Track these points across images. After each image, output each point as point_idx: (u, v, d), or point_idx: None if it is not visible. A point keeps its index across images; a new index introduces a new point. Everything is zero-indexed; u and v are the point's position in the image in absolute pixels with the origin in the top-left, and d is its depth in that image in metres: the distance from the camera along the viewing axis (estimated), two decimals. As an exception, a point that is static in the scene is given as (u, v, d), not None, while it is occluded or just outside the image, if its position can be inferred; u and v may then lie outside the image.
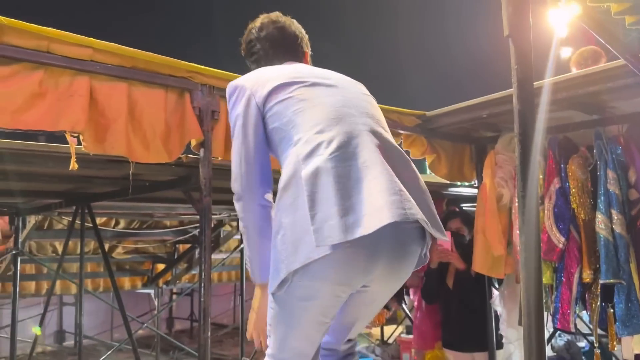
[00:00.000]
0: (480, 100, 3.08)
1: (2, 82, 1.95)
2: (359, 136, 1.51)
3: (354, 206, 1.38)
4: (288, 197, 1.45)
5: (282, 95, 1.60)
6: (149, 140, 2.29)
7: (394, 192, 1.41)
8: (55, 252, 5.72)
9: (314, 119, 1.53)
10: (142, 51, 2.26)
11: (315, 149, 1.46)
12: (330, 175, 1.40)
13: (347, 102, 1.62)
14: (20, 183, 3.18)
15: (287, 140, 1.55)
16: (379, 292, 1.63)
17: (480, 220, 3.27)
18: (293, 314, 1.52)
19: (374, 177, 1.42)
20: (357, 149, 1.47)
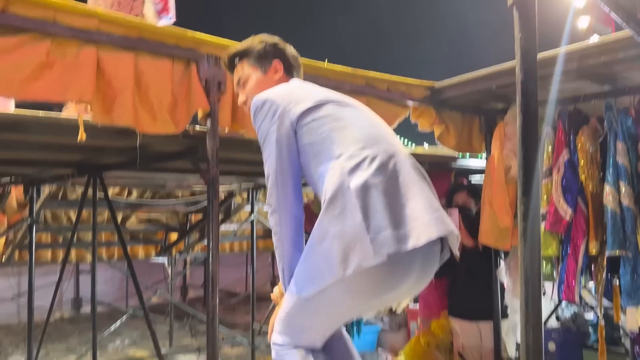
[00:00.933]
0: (489, 71, 3.05)
1: (10, 52, 1.97)
2: (395, 155, 1.58)
3: (402, 220, 1.46)
4: (336, 207, 1.49)
5: (318, 113, 1.65)
6: (155, 111, 2.31)
7: (435, 209, 1.52)
8: (69, 221, 5.83)
9: (354, 137, 1.60)
10: (148, 22, 2.26)
11: (360, 164, 1.52)
12: (378, 190, 1.47)
13: (375, 124, 1.72)
14: (33, 153, 3.24)
15: (325, 154, 1.60)
16: (392, 301, 1.71)
17: (488, 191, 3.27)
18: (318, 313, 1.60)
19: (414, 195, 1.51)
20: (397, 167, 1.55)
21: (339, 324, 1.74)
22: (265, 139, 1.67)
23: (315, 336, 1.69)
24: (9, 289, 7.89)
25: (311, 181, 1.69)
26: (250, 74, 1.86)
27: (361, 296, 1.56)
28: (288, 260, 1.64)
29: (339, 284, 1.47)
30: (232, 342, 6.16)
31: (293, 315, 1.63)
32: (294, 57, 1.93)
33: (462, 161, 3.94)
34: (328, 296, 1.53)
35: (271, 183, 1.65)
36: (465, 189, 3.79)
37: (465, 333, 3.65)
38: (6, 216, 5.17)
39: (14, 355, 6.29)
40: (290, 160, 1.65)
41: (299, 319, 1.63)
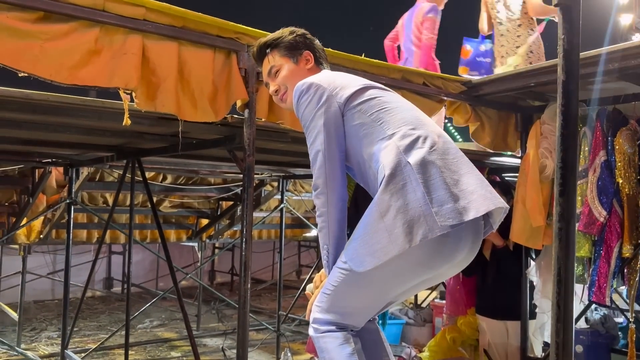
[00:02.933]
0: (528, 69, 3.03)
1: (61, 38, 2.05)
2: (441, 135, 1.67)
3: (461, 193, 1.54)
4: (397, 183, 1.55)
5: (365, 97, 1.71)
6: (196, 100, 2.37)
7: (487, 185, 1.61)
8: (105, 202, 6.00)
9: (403, 118, 1.67)
10: (192, 11, 2.31)
11: (414, 143, 1.60)
12: (436, 166, 1.55)
13: (415, 108, 1.79)
14: (75, 136, 3.35)
15: (377, 135, 1.66)
16: (443, 276, 1.78)
17: (521, 190, 3.25)
18: (370, 290, 1.64)
19: (467, 172, 1.60)
20: (446, 146, 1.64)
21: (386, 302, 1.76)
22: (310, 122, 1.71)
23: (361, 315, 1.71)
24: (44, 266, 8.16)
25: (357, 162, 1.73)
26: (282, 64, 1.89)
27: (417, 269, 1.62)
28: (335, 240, 1.67)
29: (398, 257, 1.52)
30: (258, 327, 6.26)
31: (342, 292, 1.64)
32: (322, 49, 1.98)
33: (496, 158, 3.91)
34: (385, 270, 1.57)
35: (319, 165, 1.68)
36: (497, 186, 3.76)
37: (492, 331, 3.65)
38: (46, 196, 5.36)
39: (48, 330, 6.52)
40: (337, 142, 1.70)
41: (348, 296, 1.65)
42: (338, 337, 1.65)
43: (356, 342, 1.68)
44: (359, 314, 1.71)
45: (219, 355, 5.56)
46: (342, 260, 1.63)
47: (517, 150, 3.70)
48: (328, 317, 1.67)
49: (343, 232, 1.69)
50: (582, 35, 1.46)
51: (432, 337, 4.62)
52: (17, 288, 5.83)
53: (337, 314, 1.66)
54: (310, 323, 1.72)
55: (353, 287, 1.63)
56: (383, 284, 1.64)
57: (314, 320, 1.71)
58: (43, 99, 2.48)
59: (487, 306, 3.71)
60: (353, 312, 1.69)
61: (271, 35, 1.94)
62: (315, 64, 1.92)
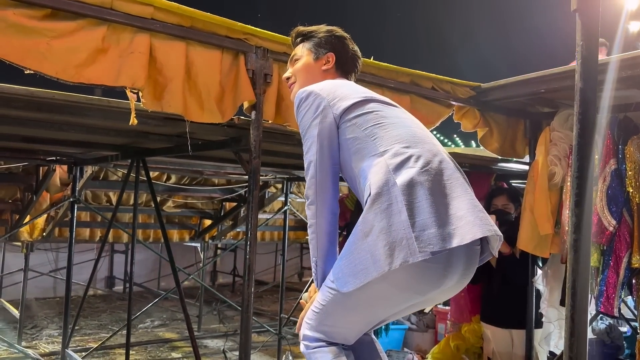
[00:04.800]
0: (538, 75, 2.98)
1: (68, 36, 2.02)
2: (438, 154, 1.61)
3: (447, 219, 1.48)
4: (382, 203, 1.51)
5: (362, 110, 1.67)
6: (203, 100, 2.34)
7: (479, 210, 1.54)
8: (109, 201, 5.99)
9: (398, 135, 1.62)
10: (200, 11, 2.29)
11: (405, 162, 1.54)
12: (424, 188, 1.49)
13: (417, 124, 1.74)
14: (80, 134, 3.33)
15: (368, 151, 1.62)
16: (434, 300, 1.75)
17: (530, 197, 3.21)
18: (357, 310, 1.60)
19: (458, 195, 1.53)
20: (441, 166, 1.57)
21: (375, 322, 1.74)
22: (306, 131, 1.70)
23: (351, 334, 1.69)
24: (46, 264, 8.15)
25: (350, 176, 1.71)
26: (303, 56, 1.93)
27: (403, 293, 1.57)
28: (323, 253, 1.65)
29: (382, 280, 1.48)
30: (259, 330, 6.23)
31: (329, 311, 1.63)
32: (353, 58, 1.95)
33: (504, 164, 3.87)
34: (369, 292, 1.53)
35: (310, 175, 1.66)
36: (505, 193, 3.73)
37: (497, 339, 3.61)
38: (49, 194, 5.34)
39: (49, 328, 6.50)
40: (330, 154, 1.67)
41: (335, 315, 1.63)
42: (329, 352, 1.64)
43: (348, 356, 1.67)
44: (348, 333, 1.69)
45: (220, 357, 5.53)
46: (330, 279, 1.61)
47: (525, 156, 3.67)
48: (317, 334, 1.65)
49: (333, 245, 1.66)
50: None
51: (435, 343, 4.58)
52: (19, 285, 5.82)
53: (326, 332, 1.65)
54: (301, 340, 1.71)
55: (340, 308, 1.60)
56: (370, 306, 1.61)
57: (304, 337, 1.69)
58: (48, 97, 2.45)
59: (492, 314, 3.67)
60: (342, 330, 1.67)
61: (310, 27, 1.97)
62: (335, 68, 1.91)
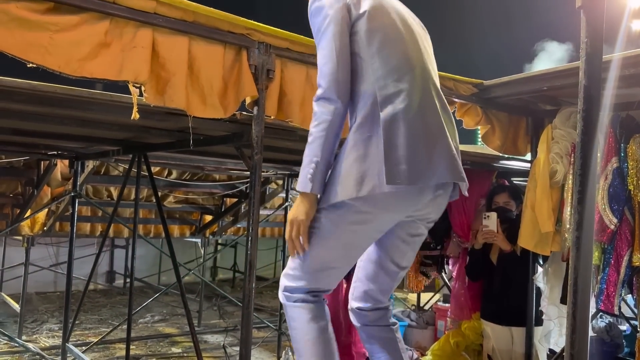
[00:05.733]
0: (541, 72, 2.98)
1: (71, 30, 2.02)
2: (427, 94, 1.68)
3: (420, 158, 1.58)
4: (364, 132, 1.61)
5: (372, 24, 1.66)
6: (206, 95, 2.34)
7: (451, 156, 1.64)
8: (110, 196, 5.99)
9: (394, 64, 1.65)
10: (203, 6, 2.28)
11: (393, 97, 1.61)
12: (404, 127, 1.57)
13: (422, 52, 1.74)
14: (81, 129, 3.32)
15: (363, 76, 1.66)
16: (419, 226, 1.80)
17: (531, 195, 3.20)
18: (339, 236, 1.66)
19: (436, 138, 1.62)
20: (426, 106, 1.65)
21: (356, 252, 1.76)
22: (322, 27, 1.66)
23: (333, 272, 1.71)
24: (47, 258, 8.16)
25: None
26: None
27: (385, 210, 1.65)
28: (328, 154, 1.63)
29: (353, 203, 1.59)
30: (259, 325, 6.24)
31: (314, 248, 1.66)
32: None
33: (505, 162, 3.87)
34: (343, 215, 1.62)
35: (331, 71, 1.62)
36: (506, 190, 3.72)
37: (497, 337, 3.62)
38: (50, 188, 5.34)
39: (50, 322, 6.52)
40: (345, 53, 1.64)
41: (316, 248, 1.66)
42: (309, 311, 1.67)
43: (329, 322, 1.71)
44: (331, 270, 1.70)
45: (220, 352, 5.54)
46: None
47: (526, 154, 3.66)
48: (300, 283, 1.68)
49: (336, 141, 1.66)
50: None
51: (435, 340, 4.59)
52: (20, 279, 5.83)
53: (309, 275, 1.67)
54: (281, 290, 1.73)
55: (319, 237, 1.65)
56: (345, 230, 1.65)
57: (285, 288, 1.72)
58: (50, 91, 2.45)
59: (493, 311, 3.67)
60: (324, 267, 1.68)
61: None
62: None
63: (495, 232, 3.41)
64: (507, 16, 12.94)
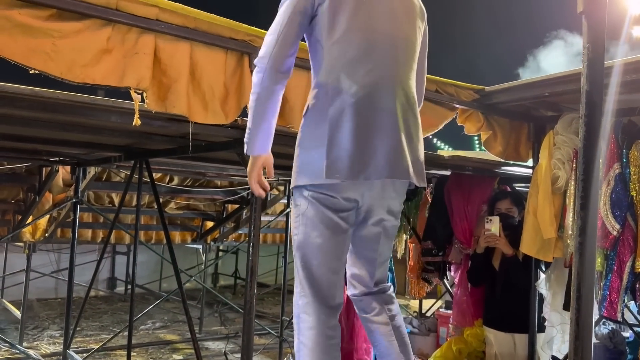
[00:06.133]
0: (542, 78, 2.98)
1: (74, 36, 2.02)
2: (383, 88, 1.68)
3: (363, 155, 1.61)
4: (311, 123, 1.68)
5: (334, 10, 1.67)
6: (207, 102, 2.34)
7: (396, 152, 1.65)
8: (111, 202, 6.00)
9: (351, 55, 1.67)
10: (205, 12, 2.29)
11: (344, 89, 1.63)
12: (351, 121, 1.61)
13: (389, 40, 1.71)
14: (83, 135, 3.33)
15: (320, 62, 1.70)
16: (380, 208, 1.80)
17: (533, 201, 3.19)
18: (315, 215, 1.71)
19: (384, 135, 1.64)
20: (380, 101, 1.65)
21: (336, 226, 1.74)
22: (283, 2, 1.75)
23: (322, 278, 1.71)
24: (48, 265, 8.15)
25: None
26: None
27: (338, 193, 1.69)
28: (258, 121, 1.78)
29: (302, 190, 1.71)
30: (261, 332, 6.22)
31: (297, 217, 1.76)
32: None
33: (507, 168, 3.86)
34: (315, 193, 1.69)
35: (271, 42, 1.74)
36: (508, 196, 3.71)
37: (499, 343, 3.60)
38: (52, 194, 5.35)
39: (51, 329, 6.50)
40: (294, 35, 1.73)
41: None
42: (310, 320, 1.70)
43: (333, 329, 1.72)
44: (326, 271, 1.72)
45: (221, 359, 5.52)
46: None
47: (528, 160, 3.66)
48: (304, 290, 1.71)
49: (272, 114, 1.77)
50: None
51: (437, 347, 4.56)
52: (21, 286, 5.82)
53: (311, 283, 1.71)
54: (294, 316, 1.77)
55: (302, 214, 1.72)
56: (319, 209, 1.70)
57: (294, 306, 1.77)
58: (52, 97, 2.45)
59: (495, 318, 3.65)
60: (319, 270, 1.71)
61: None
62: None
63: (498, 235, 3.40)
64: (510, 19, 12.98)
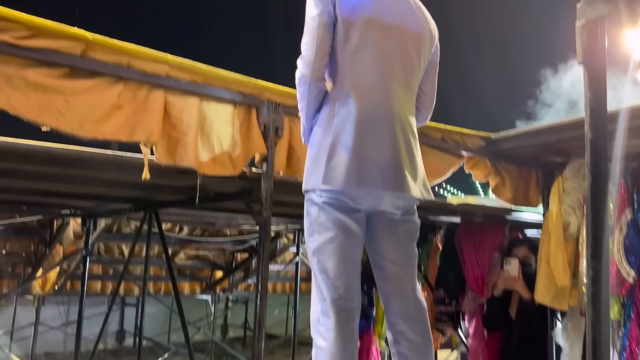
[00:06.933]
0: (548, 125, 3.00)
1: (85, 93, 2.08)
2: (385, 105, 1.76)
3: (360, 166, 1.68)
4: (317, 134, 1.78)
5: (354, 33, 1.76)
6: (216, 154, 2.37)
7: (395, 171, 1.72)
8: (121, 253, 5.99)
9: (359, 71, 1.77)
10: (214, 68, 2.35)
11: (350, 102, 1.73)
12: (353, 132, 1.69)
13: (395, 63, 1.81)
14: (94, 188, 3.37)
15: (333, 71, 1.80)
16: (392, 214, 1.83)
17: (545, 248, 3.15)
18: (327, 219, 1.74)
19: (384, 151, 1.72)
20: (380, 120, 1.74)
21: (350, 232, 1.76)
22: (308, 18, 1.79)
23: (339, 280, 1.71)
24: (57, 318, 8.07)
25: None
26: None
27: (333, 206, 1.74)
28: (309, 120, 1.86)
29: (310, 195, 1.78)
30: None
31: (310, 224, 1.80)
32: None
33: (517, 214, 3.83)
34: (324, 197, 1.73)
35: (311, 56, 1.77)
36: (525, 244, 3.64)
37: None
38: (62, 246, 5.36)
39: (58, 384, 6.38)
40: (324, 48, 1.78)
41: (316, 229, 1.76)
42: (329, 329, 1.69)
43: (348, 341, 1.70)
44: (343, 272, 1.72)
45: (231, 415, 5.36)
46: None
47: (538, 205, 3.63)
48: (326, 296, 1.70)
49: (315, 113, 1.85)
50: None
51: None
52: (29, 340, 5.75)
53: (328, 286, 1.70)
54: (312, 324, 1.77)
55: (315, 221, 1.76)
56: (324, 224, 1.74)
57: (313, 318, 1.76)
58: (64, 153, 2.50)
59: (512, 369, 3.54)
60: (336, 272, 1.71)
61: None
62: None
63: (517, 277, 3.33)
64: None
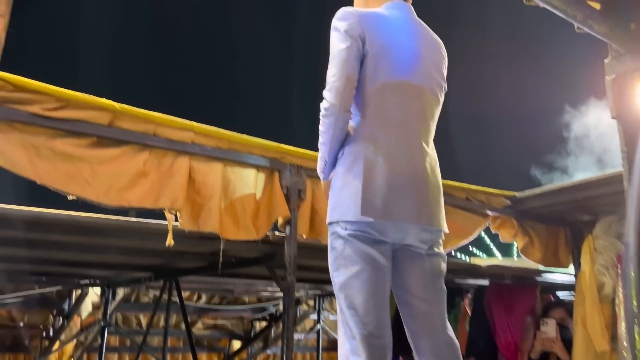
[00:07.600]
0: (575, 183, 2.95)
1: (112, 162, 2.10)
2: (412, 144, 1.77)
3: (393, 198, 1.68)
4: (348, 157, 1.73)
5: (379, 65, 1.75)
6: (239, 218, 2.35)
7: (424, 204, 1.73)
8: (139, 324, 5.86)
9: (387, 105, 1.76)
10: (238, 134, 2.38)
11: (380, 139, 1.73)
12: (385, 166, 1.69)
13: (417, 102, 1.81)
14: (115, 256, 3.34)
15: (359, 103, 1.76)
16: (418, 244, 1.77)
17: (580, 310, 3.02)
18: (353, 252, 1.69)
19: (413, 186, 1.72)
20: (408, 155, 1.75)
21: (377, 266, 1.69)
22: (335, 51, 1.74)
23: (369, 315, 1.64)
24: (72, 392, 7.83)
25: None
26: None
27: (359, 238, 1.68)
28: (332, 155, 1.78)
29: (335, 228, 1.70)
30: None
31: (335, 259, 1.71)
32: None
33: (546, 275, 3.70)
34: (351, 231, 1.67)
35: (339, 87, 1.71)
36: (562, 306, 3.49)
37: None
38: (80, 318, 5.27)
39: None
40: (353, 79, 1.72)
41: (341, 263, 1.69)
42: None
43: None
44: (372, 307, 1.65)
45: None
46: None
47: (569, 265, 3.52)
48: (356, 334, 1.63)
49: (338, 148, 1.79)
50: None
51: None
52: (43, 417, 5.55)
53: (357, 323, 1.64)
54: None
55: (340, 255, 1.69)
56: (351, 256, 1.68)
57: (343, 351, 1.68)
58: (89, 221, 2.49)
59: None
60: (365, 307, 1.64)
61: None
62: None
63: (555, 338, 3.16)
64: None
